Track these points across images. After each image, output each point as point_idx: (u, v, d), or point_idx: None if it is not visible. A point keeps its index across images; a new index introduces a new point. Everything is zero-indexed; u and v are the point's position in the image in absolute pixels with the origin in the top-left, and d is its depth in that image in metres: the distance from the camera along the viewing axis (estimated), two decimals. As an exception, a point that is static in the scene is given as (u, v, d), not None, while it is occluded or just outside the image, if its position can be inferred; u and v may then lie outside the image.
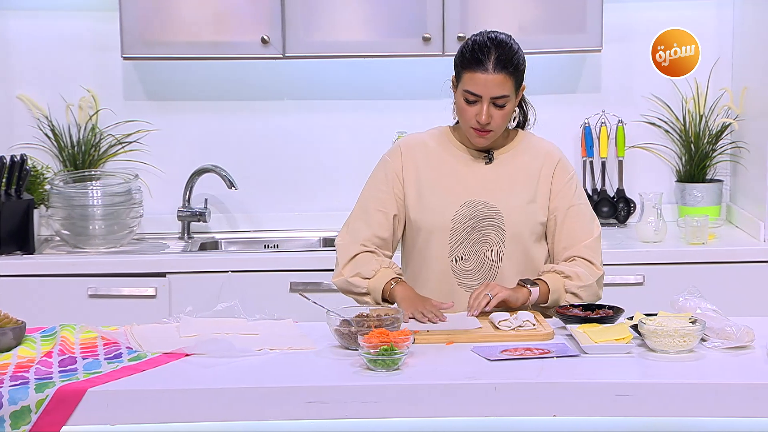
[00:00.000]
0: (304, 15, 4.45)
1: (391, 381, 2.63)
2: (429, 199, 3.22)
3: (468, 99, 3.13)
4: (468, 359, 2.79)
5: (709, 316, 2.92)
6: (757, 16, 4.43)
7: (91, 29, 4.72)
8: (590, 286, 3.18)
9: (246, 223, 4.86)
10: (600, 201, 4.79)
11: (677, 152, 4.81)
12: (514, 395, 2.60)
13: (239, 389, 2.61)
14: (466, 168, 3.24)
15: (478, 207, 3.20)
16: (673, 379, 2.64)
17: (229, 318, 3.11)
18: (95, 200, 4.48)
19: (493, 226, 3.20)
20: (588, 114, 4.80)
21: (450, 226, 3.20)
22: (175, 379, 2.68)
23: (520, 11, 4.49)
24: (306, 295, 3.11)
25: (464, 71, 3.12)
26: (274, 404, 2.59)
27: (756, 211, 4.49)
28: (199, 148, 4.81)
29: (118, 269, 4.30)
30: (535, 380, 2.63)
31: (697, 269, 4.30)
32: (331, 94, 4.82)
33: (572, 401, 2.60)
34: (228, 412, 2.59)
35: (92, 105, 4.73)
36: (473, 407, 2.60)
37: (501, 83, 3.10)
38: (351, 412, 2.59)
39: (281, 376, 2.70)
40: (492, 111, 3.12)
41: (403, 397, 2.60)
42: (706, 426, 2.64)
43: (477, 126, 3.14)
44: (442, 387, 2.61)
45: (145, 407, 2.59)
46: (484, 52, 3.10)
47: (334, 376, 2.71)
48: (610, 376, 2.67)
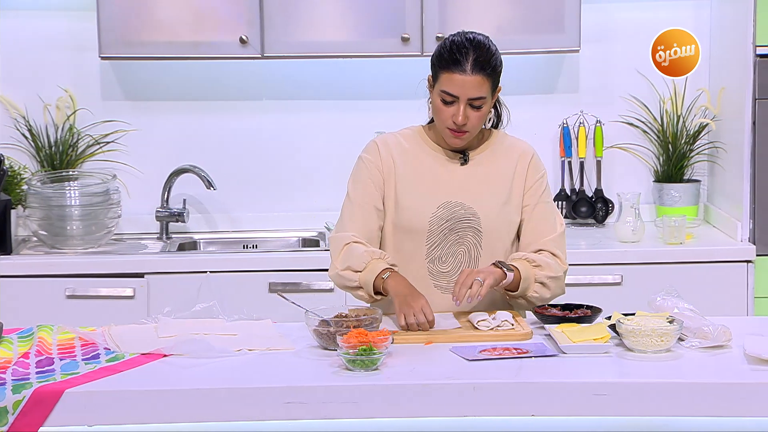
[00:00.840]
0: (283, 15, 4.45)
1: (369, 381, 2.63)
2: (406, 199, 3.22)
3: (445, 99, 3.12)
4: (447, 359, 2.79)
5: (686, 315, 2.93)
6: (734, 17, 4.45)
7: (69, 29, 4.71)
8: (558, 278, 3.16)
9: (225, 223, 4.85)
10: (578, 201, 4.80)
11: (655, 152, 4.83)
12: (493, 395, 2.60)
13: (217, 390, 2.61)
14: (442, 169, 3.24)
15: (455, 209, 3.20)
16: (651, 378, 2.65)
17: (208, 318, 3.10)
18: (73, 200, 4.46)
19: (470, 228, 3.20)
20: (566, 114, 4.81)
21: (427, 228, 3.20)
22: (153, 379, 2.68)
23: (499, 11, 4.50)
24: (285, 295, 3.11)
25: (442, 71, 3.12)
26: (253, 405, 2.59)
27: (733, 211, 4.51)
28: (177, 148, 4.80)
29: (96, 270, 4.29)
30: (513, 380, 2.63)
31: (674, 269, 4.32)
32: (310, 94, 4.81)
33: (550, 401, 2.60)
34: (206, 412, 2.59)
35: (70, 105, 4.72)
36: (452, 407, 2.60)
37: (478, 85, 3.10)
38: (330, 412, 2.59)
39: (260, 376, 2.70)
40: (469, 112, 3.12)
41: (382, 398, 2.60)
42: (683, 425, 2.66)
43: (453, 127, 3.14)
44: (421, 387, 2.61)
45: (123, 408, 2.58)
46: (463, 52, 3.09)
47: (313, 376, 2.71)
48: (588, 375, 2.67)
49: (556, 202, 4.79)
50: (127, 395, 2.60)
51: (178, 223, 4.74)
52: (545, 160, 4.74)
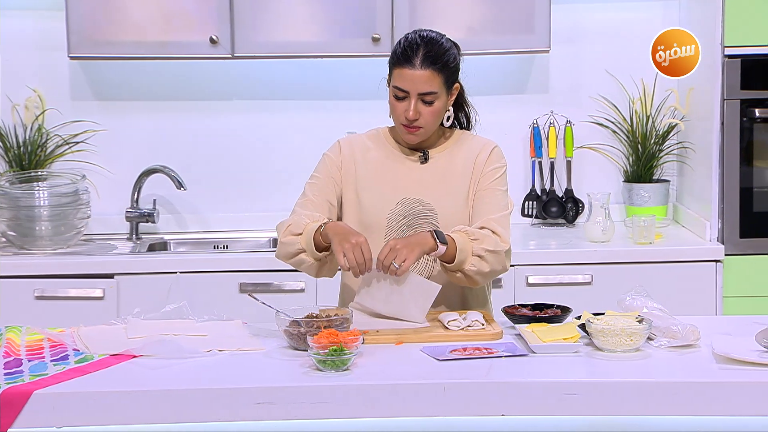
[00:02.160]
0: (254, 15, 4.44)
1: (340, 381, 2.63)
2: (365, 196, 3.23)
3: (397, 95, 3.15)
4: (417, 359, 2.79)
5: (655, 315, 2.95)
6: (702, 18, 4.48)
7: (38, 28, 4.68)
8: (497, 253, 3.10)
9: (195, 223, 4.83)
10: (549, 201, 4.81)
11: (625, 152, 4.85)
12: (463, 395, 2.61)
13: (187, 390, 2.60)
14: (401, 166, 3.25)
15: (413, 205, 3.21)
16: (620, 377, 2.66)
17: (178, 319, 3.09)
18: (42, 201, 4.44)
19: (427, 224, 3.20)
20: (537, 114, 4.83)
21: (385, 225, 3.20)
22: (123, 380, 2.67)
23: (469, 12, 4.51)
24: (255, 295, 3.10)
25: (394, 68, 3.15)
26: (223, 405, 2.58)
27: (702, 210, 4.53)
28: (147, 148, 4.78)
29: (65, 270, 4.27)
30: (483, 380, 2.64)
31: (644, 269, 4.34)
32: (281, 94, 4.81)
33: (520, 400, 2.61)
34: (176, 413, 2.58)
35: (38, 105, 4.69)
36: (422, 407, 2.60)
37: (428, 79, 3.11)
38: (300, 412, 2.58)
39: (230, 377, 2.69)
40: (420, 107, 3.13)
41: (353, 398, 2.60)
42: (652, 424, 2.67)
43: (406, 122, 3.15)
44: (391, 387, 2.61)
45: (92, 409, 2.57)
46: (413, 48, 3.12)
47: (284, 376, 2.71)
48: (558, 375, 2.68)
49: (527, 202, 4.81)
50: (96, 396, 2.58)
51: (148, 224, 4.72)
52: (516, 160, 4.83)
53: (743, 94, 4.38)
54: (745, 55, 4.36)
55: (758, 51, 4.36)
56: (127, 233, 4.73)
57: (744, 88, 4.38)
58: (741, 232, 4.41)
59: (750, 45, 4.36)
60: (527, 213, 4.82)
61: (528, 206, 4.81)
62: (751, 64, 4.36)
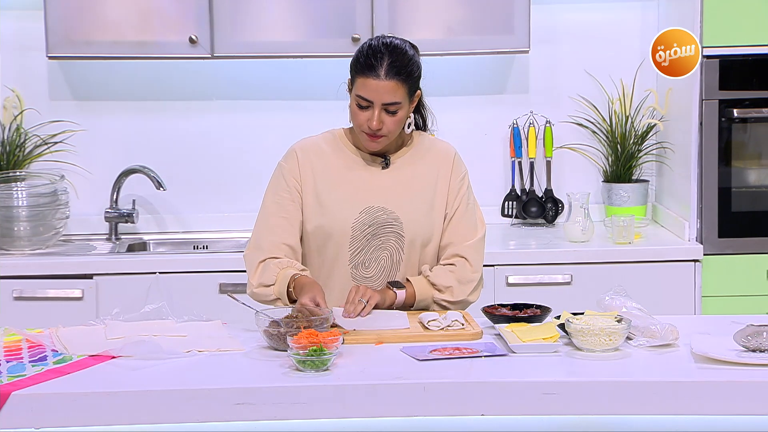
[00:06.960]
0: (233, 15, 4.44)
1: (320, 382, 2.63)
2: (327, 204, 3.19)
3: (360, 104, 3.11)
4: (397, 359, 2.80)
5: (634, 314, 2.95)
6: (680, 18, 4.49)
7: (16, 28, 4.66)
8: (461, 302, 3.20)
9: (174, 224, 4.82)
10: (528, 201, 4.82)
11: (604, 153, 4.86)
12: (443, 395, 2.61)
13: (166, 391, 2.59)
14: (364, 173, 3.22)
15: (377, 214, 3.19)
16: (599, 377, 2.67)
17: (157, 320, 3.09)
18: (20, 201, 4.42)
19: (392, 233, 3.19)
20: (516, 115, 4.83)
21: (350, 234, 3.18)
22: (102, 381, 2.66)
23: (449, 12, 4.51)
24: (235, 296, 3.09)
25: (357, 76, 3.11)
26: (202, 406, 2.58)
27: (681, 210, 4.55)
28: (126, 148, 4.77)
29: (44, 271, 4.25)
30: (463, 380, 2.64)
31: (623, 268, 4.35)
32: (260, 95, 4.80)
33: (500, 400, 2.61)
34: (155, 414, 2.57)
35: (17, 105, 4.67)
36: (402, 407, 2.60)
37: (393, 90, 3.08)
38: (280, 413, 2.58)
39: (209, 377, 2.68)
40: (384, 117, 3.11)
41: (332, 398, 2.60)
42: (631, 423, 2.68)
43: (368, 131, 3.13)
44: (371, 387, 2.61)
45: (70, 410, 2.56)
46: (378, 57, 3.08)
47: (263, 377, 2.70)
48: (538, 374, 2.69)
49: (507, 202, 4.82)
50: (74, 397, 2.57)
51: (128, 224, 4.71)
52: (495, 160, 4.84)
53: (722, 95, 4.39)
54: (723, 55, 4.37)
55: (737, 51, 4.37)
56: (106, 234, 4.71)
57: (722, 88, 4.39)
58: (719, 232, 4.43)
59: (728, 45, 4.37)
60: (507, 213, 4.82)
61: (508, 206, 4.82)
62: (729, 65, 4.38)
